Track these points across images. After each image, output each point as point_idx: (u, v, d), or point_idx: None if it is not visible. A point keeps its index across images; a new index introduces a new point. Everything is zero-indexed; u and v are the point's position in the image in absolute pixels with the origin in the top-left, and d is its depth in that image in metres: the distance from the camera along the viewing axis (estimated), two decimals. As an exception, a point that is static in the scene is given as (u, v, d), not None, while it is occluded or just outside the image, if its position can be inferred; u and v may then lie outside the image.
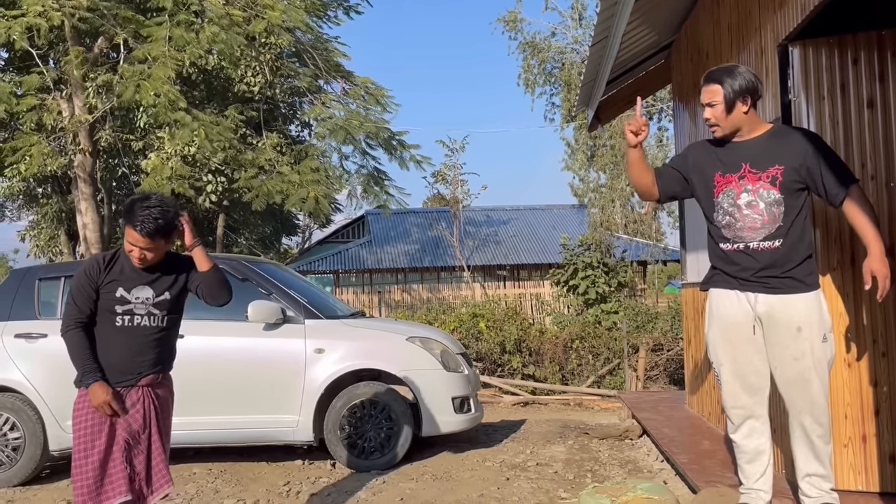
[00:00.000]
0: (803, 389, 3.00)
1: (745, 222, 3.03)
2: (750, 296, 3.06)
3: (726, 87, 3.04)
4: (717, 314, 3.16)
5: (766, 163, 3.03)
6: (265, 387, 5.45)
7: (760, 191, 3.02)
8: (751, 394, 3.09)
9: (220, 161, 13.19)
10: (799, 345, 2.99)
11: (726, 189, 3.08)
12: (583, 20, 16.14)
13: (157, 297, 3.16)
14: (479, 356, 11.99)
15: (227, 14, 11.03)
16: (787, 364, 3.02)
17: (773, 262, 3.01)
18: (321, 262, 21.12)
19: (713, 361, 3.21)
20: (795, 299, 3.00)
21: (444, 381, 5.56)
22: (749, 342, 3.08)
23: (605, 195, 17.02)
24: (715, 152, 3.17)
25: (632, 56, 6.07)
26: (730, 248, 3.09)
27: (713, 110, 3.08)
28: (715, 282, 3.19)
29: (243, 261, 5.98)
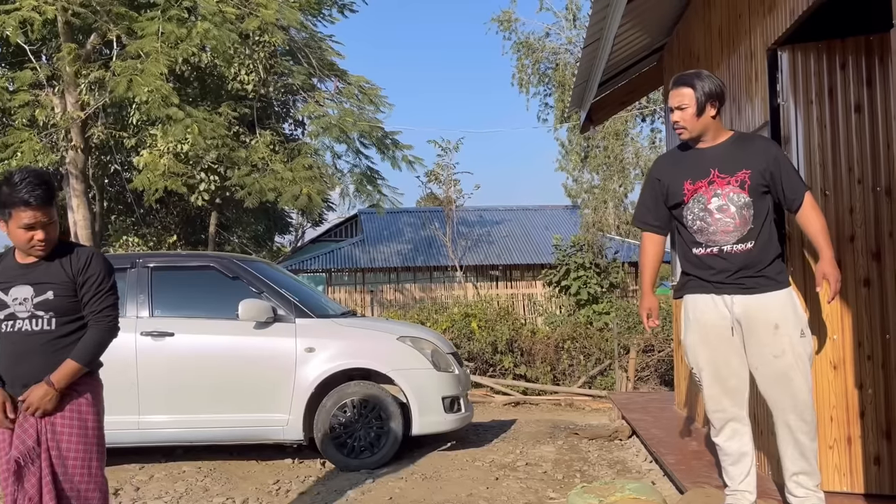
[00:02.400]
0: (786, 387, 3.03)
1: (718, 226, 3.07)
2: (727, 298, 3.10)
3: (698, 91, 3.09)
4: (694, 319, 3.19)
5: (733, 167, 3.09)
6: (255, 385, 5.45)
7: (731, 195, 3.07)
8: (731, 396, 3.13)
9: (213, 159, 13.17)
10: (778, 342, 3.03)
11: (696, 195, 3.12)
12: (577, 21, 16.19)
13: (38, 296, 2.70)
14: (471, 356, 12.01)
15: (220, 11, 11.01)
16: (767, 363, 3.05)
17: (746, 263, 3.06)
18: (314, 261, 21.10)
19: (692, 367, 3.24)
20: (770, 297, 3.05)
21: (434, 380, 5.58)
22: (728, 345, 3.11)
23: (597, 196, 17.07)
24: (681, 161, 3.23)
25: (624, 58, 6.10)
26: (703, 253, 3.13)
27: (682, 113, 3.12)
28: (689, 287, 3.22)
29: (234, 259, 5.99)
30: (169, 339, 5.48)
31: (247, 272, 5.75)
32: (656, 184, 3.28)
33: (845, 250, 3.47)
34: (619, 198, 18.12)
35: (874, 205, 3.49)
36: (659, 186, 3.26)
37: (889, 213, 3.48)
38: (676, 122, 3.15)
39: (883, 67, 3.51)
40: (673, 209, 3.23)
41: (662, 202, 3.26)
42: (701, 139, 3.17)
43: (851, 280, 3.46)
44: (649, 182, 3.34)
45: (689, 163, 3.18)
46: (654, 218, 3.32)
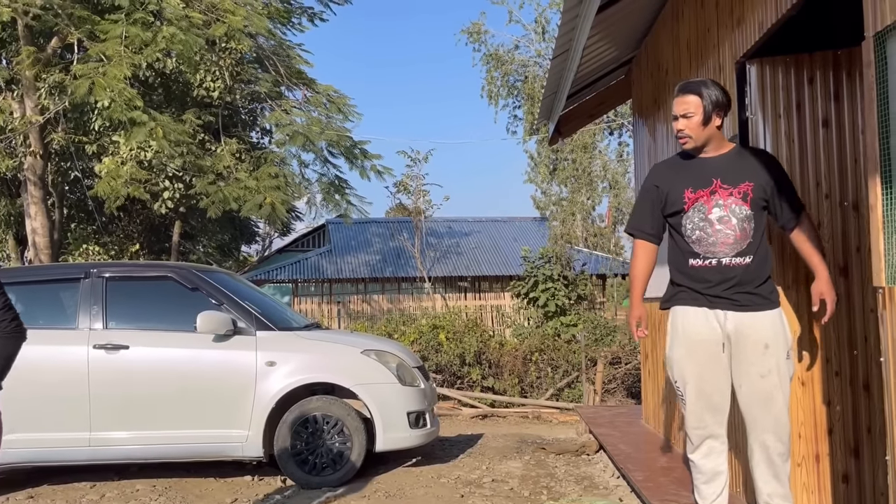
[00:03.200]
0: (767, 407, 2.97)
1: (718, 237, 2.99)
2: (719, 313, 3.02)
3: (705, 99, 3.02)
4: (682, 332, 3.10)
5: (736, 179, 3.02)
6: (213, 400, 5.27)
7: (732, 206, 3.00)
8: (713, 414, 3.05)
9: (177, 166, 12.91)
10: (765, 362, 2.97)
11: (696, 204, 3.04)
12: (546, 34, 16.25)
13: None
14: (439, 368, 11.90)
15: (187, 16, 10.81)
16: (752, 382, 2.99)
17: (743, 278, 2.99)
18: (280, 271, 20.80)
19: (676, 380, 3.13)
20: (763, 316, 2.99)
21: (399, 395, 5.45)
22: (716, 361, 3.03)
23: (566, 208, 17.11)
24: (681, 169, 3.14)
25: (593, 70, 6.08)
26: (700, 264, 3.04)
27: (688, 121, 3.04)
28: (680, 299, 3.12)
29: (194, 269, 5.81)
30: (123, 352, 5.28)
31: (206, 283, 5.58)
32: (654, 191, 3.19)
33: (812, 265, 3.44)
34: (587, 210, 18.19)
35: (841, 220, 3.48)
36: (657, 193, 3.17)
37: (856, 228, 3.47)
38: (681, 130, 3.07)
39: (850, 82, 3.51)
40: (670, 217, 3.14)
41: (659, 210, 3.17)
42: (704, 149, 3.09)
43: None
44: (647, 189, 3.24)
45: (691, 171, 3.10)
46: (649, 226, 3.22)
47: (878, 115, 2.33)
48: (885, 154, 2.31)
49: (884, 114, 2.31)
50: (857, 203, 3.47)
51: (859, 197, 3.48)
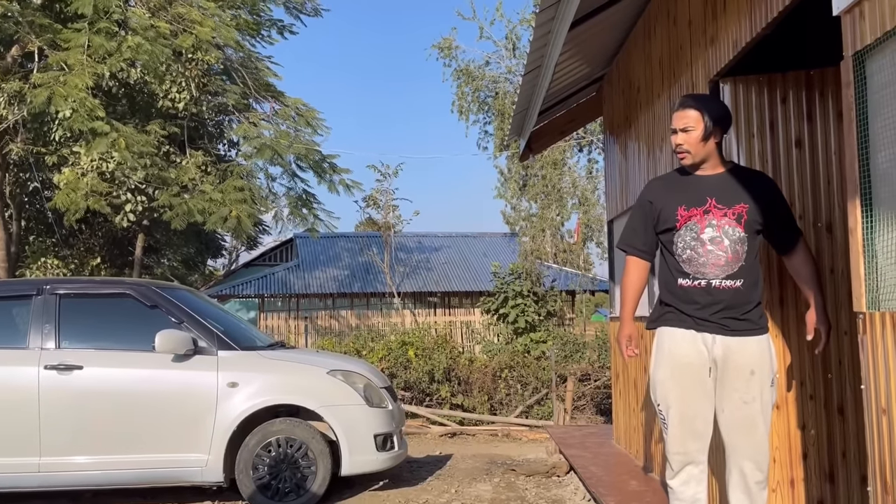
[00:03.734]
0: (749, 434, 2.89)
1: (709, 258, 2.91)
2: (707, 337, 2.93)
3: (706, 114, 2.94)
4: (668, 354, 2.99)
5: (731, 199, 2.94)
6: (172, 423, 5.07)
7: (725, 227, 2.91)
8: (696, 439, 2.95)
9: (140, 179, 12.62)
10: (750, 388, 2.89)
11: (689, 222, 2.95)
12: (517, 50, 16.31)
13: None
14: (408, 385, 11.74)
15: (153, 26, 10.60)
16: (736, 407, 2.91)
17: (733, 302, 2.90)
18: (246, 286, 20.46)
19: (659, 403, 3.02)
20: (751, 342, 2.91)
21: (366, 417, 5.30)
22: (700, 386, 2.94)
23: (535, 224, 17.11)
24: (676, 185, 3.05)
25: (564, 87, 6.03)
26: (689, 285, 2.95)
27: (687, 136, 2.96)
28: (667, 320, 3.02)
29: (153, 286, 5.60)
30: (77, 373, 5.06)
31: (166, 300, 5.38)
32: (648, 206, 3.10)
33: (786, 285, 3.40)
34: (557, 226, 18.22)
35: (815, 240, 3.44)
36: (650, 209, 3.08)
37: (830, 249, 3.43)
38: (680, 144, 2.98)
39: (823, 102, 3.49)
40: (662, 234, 3.05)
41: (652, 226, 3.08)
42: (700, 166, 3.02)
43: (793, 317, 3.39)
44: (640, 204, 3.15)
45: (686, 188, 3.01)
46: (642, 242, 3.13)
47: (857, 136, 2.28)
48: (864, 176, 2.25)
49: (863, 135, 2.27)
50: (830, 224, 3.44)
51: (832, 218, 3.45)
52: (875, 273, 2.24)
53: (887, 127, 2.16)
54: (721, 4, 3.45)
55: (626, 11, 4.85)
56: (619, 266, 6.17)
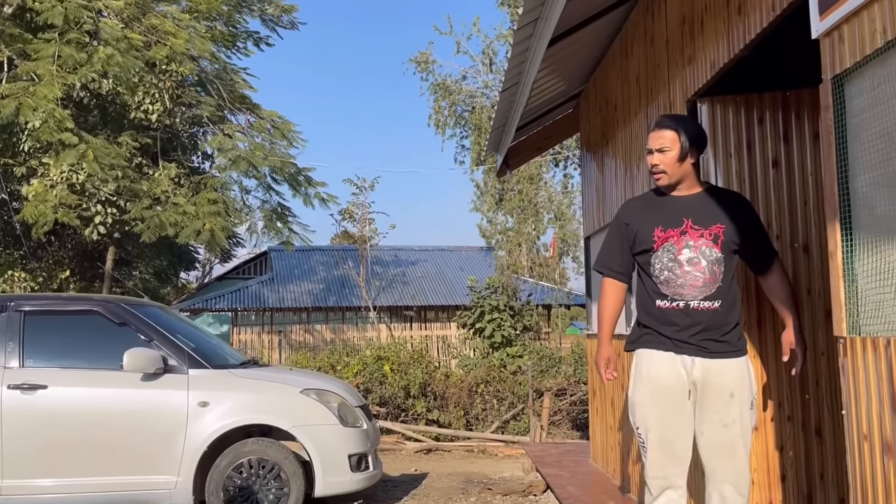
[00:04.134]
0: (729, 457, 2.86)
1: (687, 279, 2.88)
2: (686, 359, 2.90)
3: (682, 135, 2.92)
4: (647, 376, 2.95)
5: (708, 220, 2.92)
6: (140, 444, 4.93)
7: (703, 248, 2.89)
8: (675, 463, 2.91)
9: (111, 191, 12.41)
10: (730, 411, 2.86)
11: (666, 244, 2.93)
12: (493, 65, 16.37)
13: None
14: (383, 401, 11.62)
15: (125, 37, 10.46)
16: (715, 430, 2.87)
17: (711, 323, 2.87)
18: (219, 300, 20.17)
19: (638, 427, 2.98)
20: (730, 364, 2.89)
21: (340, 436, 5.20)
22: (680, 409, 2.90)
23: (512, 239, 17.12)
24: (652, 206, 3.03)
25: (541, 104, 6.03)
26: (667, 306, 2.92)
27: (664, 156, 2.94)
28: (646, 342, 2.99)
29: (122, 303, 5.47)
30: (41, 393, 4.90)
31: (136, 318, 5.25)
32: (624, 228, 3.07)
33: (763, 306, 3.39)
34: (532, 240, 18.25)
35: (792, 261, 3.44)
36: (626, 231, 3.05)
37: (807, 269, 3.44)
38: (656, 165, 2.96)
39: (799, 123, 3.50)
40: (639, 256, 3.02)
41: (628, 247, 3.05)
42: (677, 187, 3.00)
43: (771, 338, 3.38)
44: (616, 226, 3.12)
45: (662, 209, 2.99)
46: (618, 264, 3.10)
47: (836, 159, 2.27)
48: (844, 199, 2.24)
49: (843, 158, 2.26)
50: (807, 245, 3.45)
51: (809, 238, 3.46)
52: (855, 297, 2.23)
53: (866, 151, 2.16)
54: (699, 25, 3.46)
55: (604, 29, 4.86)
56: (595, 283, 6.16)
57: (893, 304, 2.04)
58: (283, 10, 15.16)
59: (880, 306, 2.11)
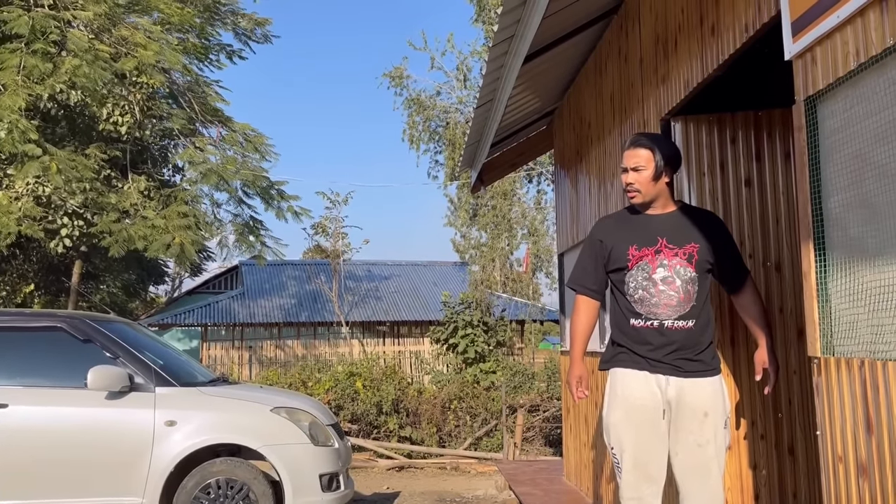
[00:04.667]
0: (704, 478, 2.84)
1: (661, 298, 2.87)
2: (661, 379, 2.88)
3: (657, 154, 2.92)
4: (622, 396, 2.93)
5: (682, 239, 2.92)
6: (104, 465, 4.79)
7: (677, 267, 2.89)
8: (649, 484, 2.88)
9: (78, 203, 12.18)
10: (704, 431, 2.85)
11: (641, 262, 2.92)
12: (467, 81, 16.43)
13: None
14: (355, 417, 11.50)
15: (93, 48, 10.30)
16: (689, 451, 2.86)
17: (685, 342, 2.86)
18: (189, 314, 19.86)
19: (613, 447, 2.96)
20: (704, 383, 2.88)
21: (311, 456, 5.11)
22: (654, 429, 2.88)
23: (485, 254, 17.13)
24: (627, 225, 3.02)
25: (516, 120, 6.04)
26: (641, 325, 2.90)
27: (638, 175, 2.93)
28: (620, 361, 2.97)
29: (88, 319, 5.33)
30: (1, 412, 4.75)
31: (101, 334, 5.12)
32: (598, 245, 3.06)
33: (737, 325, 3.40)
34: (506, 255, 18.29)
35: (764, 280, 3.46)
36: (600, 248, 3.04)
37: (779, 288, 3.46)
38: (630, 183, 2.95)
39: (771, 143, 3.54)
40: (613, 274, 3.01)
41: (602, 265, 3.04)
42: (651, 205, 2.99)
43: (744, 357, 3.39)
44: (590, 243, 3.10)
45: (636, 228, 2.98)
46: (592, 282, 3.07)
47: (809, 180, 2.28)
48: (818, 220, 2.25)
49: (815, 179, 2.27)
50: (779, 263, 3.47)
51: (781, 257, 3.48)
52: (829, 317, 2.23)
53: (839, 172, 2.17)
54: (672, 45, 3.48)
55: (578, 47, 4.88)
56: (568, 299, 6.16)
57: (867, 325, 2.05)
58: (256, 24, 15.09)
59: (854, 326, 2.12)
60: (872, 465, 1.98)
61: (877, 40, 1.93)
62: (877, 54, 1.94)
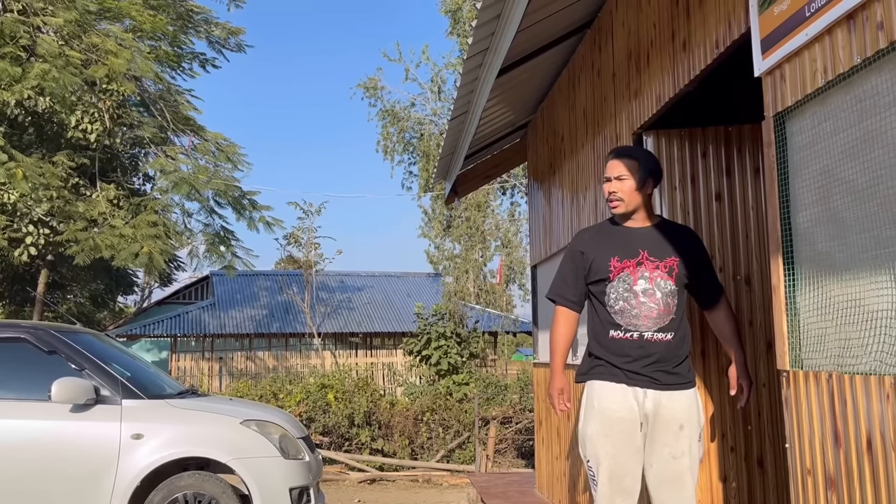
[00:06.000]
0: (679, 491, 2.85)
1: (642, 310, 2.87)
2: (638, 391, 2.88)
3: (642, 164, 2.95)
4: (599, 409, 2.92)
5: (663, 253, 2.94)
6: (67, 480, 4.68)
7: (658, 280, 2.90)
8: (624, 497, 2.88)
9: (44, 211, 11.96)
10: (679, 443, 2.86)
11: (622, 274, 2.92)
12: (442, 93, 16.48)
13: None
14: (327, 430, 11.41)
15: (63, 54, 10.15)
16: (664, 463, 2.86)
17: (664, 355, 2.87)
18: (158, 325, 19.56)
19: (589, 459, 2.95)
20: (680, 396, 2.89)
21: (281, 469, 5.04)
22: (631, 442, 2.87)
23: (459, 265, 17.14)
24: (608, 236, 3.03)
25: (490, 132, 6.06)
26: (621, 336, 2.90)
27: (622, 184, 2.95)
28: (598, 373, 2.96)
29: (53, 330, 5.22)
30: (-39, 426, 4.62)
31: (66, 345, 5.02)
32: (579, 257, 3.05)
33: (707, 338, 3.43)
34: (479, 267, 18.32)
35: (734, 293, 3.50)
36: (581, 260, 3.03)
37: (749, 301, 3.50)
38: (613, 192, 2.96)
39: (741, 158, 3.59)
40: (593, 285, 3.00)
41: (582, 276, 3.03)
42: (631, 217, 3.01)
43: (715, 370, 3.41)
44: (571, 255, 3.09)
45: (617, 239, 2.99)
46: (572, 293, 3.06)
47: (779, 194, 2.31)
48: (786, 234, 2.28)
49: (785, 194, 2.30)
50: (749, 277, 3.51)
51: (751, 271, 3.52)
52: (798, 331, 2.26)
53: (807, 187, 2.20)
54: (645, 60, 3.52)
55: (552, 60, 4.92)
56: (542, 311, 6.18)
57: (835, 338, 2.07)
58: (230, 33, 15.01)
59: (822, 340, 2.14)
60: (840, 478, 2.00)
61: (844, 58, 1.97)
62: (844, 72, 1.98)
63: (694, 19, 2.98)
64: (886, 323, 1.86)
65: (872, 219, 1.91)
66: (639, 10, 3.59)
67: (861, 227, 1.95)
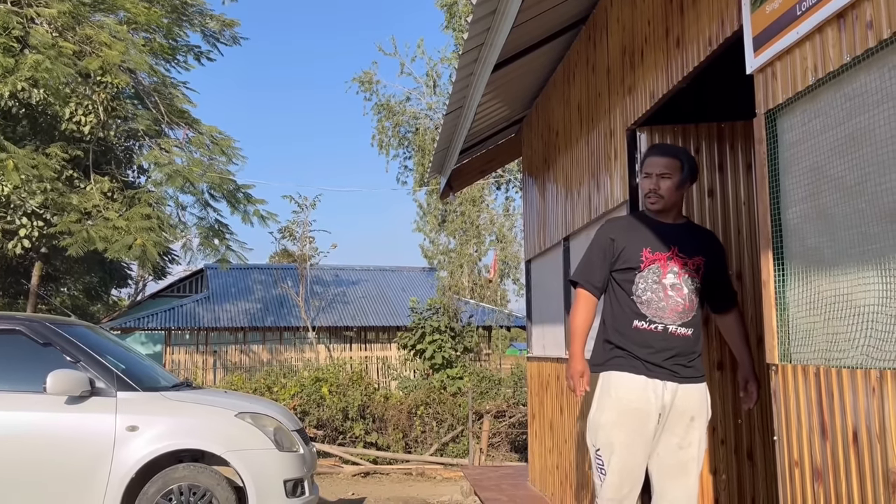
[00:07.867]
0: (683, 479, 2.89)
1: (669, 303, 2.90)
2: (658, 384, 2.89)
3: (685, 165, 3.00)
4: (616, 398, 2.93)
5: (692, 251, 2.98)
6: (63, 471, 4.68)
7: (685, 276, 2.94)
8: (632, 487, 2.91)
9: (38, 203, 11.93)
10: (689, 434, 2.90)
11: (653, 266, 2.95)
12: (437, 88, 16.49)
13: None
14: (321, 423, 11.43)
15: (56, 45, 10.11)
16: (670, 452, 2.90)
17: (683, 349, 2.91)
18: (152, 318, 19.54)
19: (600, 448, 2.94)
20: (694, 389, 2.93)
21: (276, 461, 5.06)
22: (644, 434, 2.89)
23: (454, 260, 17.16)
24: (640, 227, 3.05)
25: (485, 127, 6.08)
26: (645, 327, 2.91)
27: (664, 181, 2.98)
28: (617, 364, 2.96)
29: (48, 322, 5.22)
30: (-45, 418, 4.63)
31: (61, 337, 5.02)
32: (608, 243, 3.05)
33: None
34: (474, 262, 18.35)
35: (726, 288, 3.52)
36: (611, 246, 3.04)
37: (740, 296, 3.52)
38: (654, 189, 2.99)
39: (733, 154, 3.62)
40: (619, 273, 3.01)
41: (609, 264, 3.04)
42: (665, 213, 3.04)
43: (706, 363, 3.44)
44: (600, 241, 3.09)
45: (650, 232, 3.01)
46: (598, 279, 3.07)
47: (769, 190, 2.34)
48: (777, 230, 2.31)
49: (775, 190, 2.33)
50: (740, 272, 3.54)
51: (742, 266, 3.56)
52: (787, 325, 2.29)
53: (798, 183, 2.23)
54: (639, 56, 3.54)
55: (547, 56, 4.94)
56: (536, 305, 6.21)
57: (823, 333, 2.11)
58: (224, 25, 14.96)
59: (810, 335, 2.18)
60: (827, 470, 2.03)
61: (834, 57, 2.00)
62: (834, 70, 2.00)
63: (687, 16, 3.00)
64: (873, 318, 1.89)
65: (860, 215, 1.94)
66: (633, 7, 3.61)
67: (849, 223, 1.98)
